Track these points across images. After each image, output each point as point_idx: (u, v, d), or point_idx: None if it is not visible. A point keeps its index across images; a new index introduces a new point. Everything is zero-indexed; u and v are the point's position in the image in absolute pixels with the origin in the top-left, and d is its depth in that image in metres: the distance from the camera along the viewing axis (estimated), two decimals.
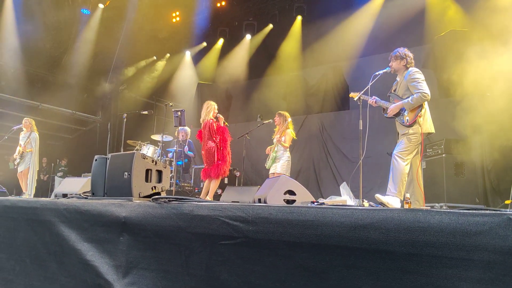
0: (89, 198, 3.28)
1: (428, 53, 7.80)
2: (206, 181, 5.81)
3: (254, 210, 2.13)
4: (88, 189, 3.70)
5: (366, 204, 3.64)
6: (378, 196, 3.77)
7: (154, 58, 12.00)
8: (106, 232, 2.68)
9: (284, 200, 3.33)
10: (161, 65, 12.08)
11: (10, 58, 9.31)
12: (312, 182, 8.83)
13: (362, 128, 4.23)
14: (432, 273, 1.62)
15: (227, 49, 11.26)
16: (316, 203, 2.80)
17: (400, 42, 6.60)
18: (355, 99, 4.38)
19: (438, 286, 1.61)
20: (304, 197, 3.39)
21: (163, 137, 7.28)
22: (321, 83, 9.97)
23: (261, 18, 10.73)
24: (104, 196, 3.22)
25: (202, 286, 2.23)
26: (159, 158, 7.18)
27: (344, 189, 4.35)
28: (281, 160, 6.15)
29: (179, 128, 6.42)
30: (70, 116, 10.95)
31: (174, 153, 6.77)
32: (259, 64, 10.64)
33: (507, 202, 4.92)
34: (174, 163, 6.61)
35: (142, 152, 6.53)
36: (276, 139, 6.25)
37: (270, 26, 10.64)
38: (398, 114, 4.01)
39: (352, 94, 4.55)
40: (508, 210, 1.67)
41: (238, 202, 3.91)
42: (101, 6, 10.14)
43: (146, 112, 7.43)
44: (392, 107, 4.02)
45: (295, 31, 10.09)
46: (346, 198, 4.09)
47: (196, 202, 2.45)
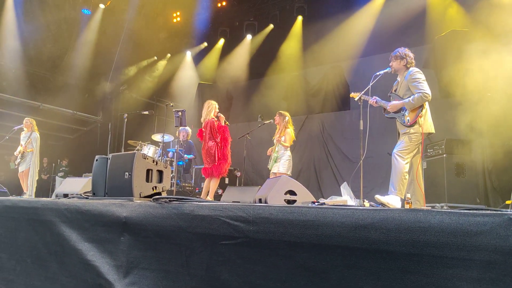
0: (90, 198, 3.28)
1: (428, 53, 7.79)
2: (206, 180, 5.82)
3: (254, 210, 2.13)
4: (89, 189, 3.70)
5: (367, 204, 3.64)
6: (377, 197, 3.76)
7: (155, 58, 12.00)
8: (107, 232, 2.68)
9: (284, 200, 3.32)
10: (161, 65, 12.08)
11: (11, 59, 9.32)
12: (312, 182, 8.83)
13: (362, 128, 4.23)
14: (433, 273, 1.62)
15: (228, 49, 11.25)
16: (316, 203, 2.79)
17: (400, 42, 6.59)
18: (356, 99, 4.39)
19: (438, 286, 1.60)
20: (304, 197, 3.38)
21: (164, 137, 7.29)
22: (321, 83, 9.97)
23: (261, 18, 10.73)
24: (105, 196, 3.22)
25: (203, 286, 2.23)
26: (160, 158, 7.19)
27: (344, 189, 4.34)
28: (282, 159, 6.15)
29: (180, 128, 6.42)
30: (71, 116, 10.96)
31: (175, 153, 6.78)
32: (260, 64, 10.64)
33: (508, 202, 4.91)
34: (175, 163, 6.62)
35: (143, 152, 6.55)
36: (276, 139, 6.25)
37: (271, 26, 10.64)
38: (398, 112, 4.01)
39: (352, 94, 4.55)
40: (509, 210, 1.67)
41: (239, 202, 3.90)
42: (102, 6, 10.15)
43: (146, 112, 7.43)
44: (392, 104, 4.02)
45: (296, 31, 10.09)
46: (346, 198, 4.08)
47: (196, 202, 2.45)
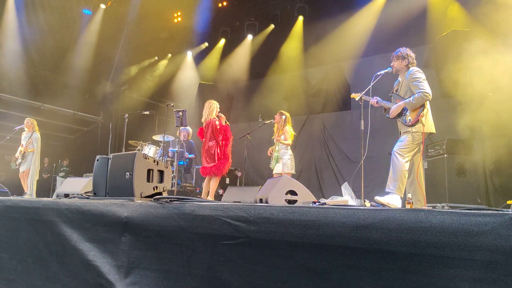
0: (91, 198, 3.28)
1: (429, 53, 7.78)
2: (206, 180, 5.82)
3: (255, 210, 2.13)
4: (90, 189, 3.71)
5: (368, 204, 3.63)
6: (377, 198, 3.73)
7: (156, 58, 12.00)
8: (108, 232, 2.68)
9: (285, 200, 3.32)
10: (162, 65, 12.08)
11: (12, 59, 9.33)
12: (313, 182, 8.83)
13: (363, 128, 4.23)
14: (434, 273, 1.62)
15: (229, 49, 11.26)
16: (317, 203, 2.80)
17: (401, 42, 6.58)
18: (357, 100, 4.38)
19: (439, 286, 1.60)
20: (305, 197, 3.38)
21: (165, 137, 7.29)
22: (322, 84, 9.97)
23: (262, 18, 10.73)
24: (105, 196, 3.22)
25: (204, 286, 2.23)
26: (161, 158, 7.19)
27: (345, 189, 4.33)
28: (283, 158, 6.15)
29: (181, 128, 6.43)
30: (71, 116, 10.97)
31: (176, 153, 6.78)
32: (261, 64, 10.65)
33: (509, 202, 4.90)
34: (175, 163, 6.62)
35: (143, 152, 6.55)
36: (275, 139, 6.25)
37: (272, 26, 10.64)
38: (400, 114, 4.00)
39: (353, 95, 4.54)
40: (510, 210, 1.66)
41: (240, 202, 3.90)
42: (102, 6, 10.16)
43: (147, 112, 7.43)
44: (394, 108, 4.01)
45: (297, 31, 10.09)
46: (347, 198, 4.07)
47: (197, 202, 2.45)
